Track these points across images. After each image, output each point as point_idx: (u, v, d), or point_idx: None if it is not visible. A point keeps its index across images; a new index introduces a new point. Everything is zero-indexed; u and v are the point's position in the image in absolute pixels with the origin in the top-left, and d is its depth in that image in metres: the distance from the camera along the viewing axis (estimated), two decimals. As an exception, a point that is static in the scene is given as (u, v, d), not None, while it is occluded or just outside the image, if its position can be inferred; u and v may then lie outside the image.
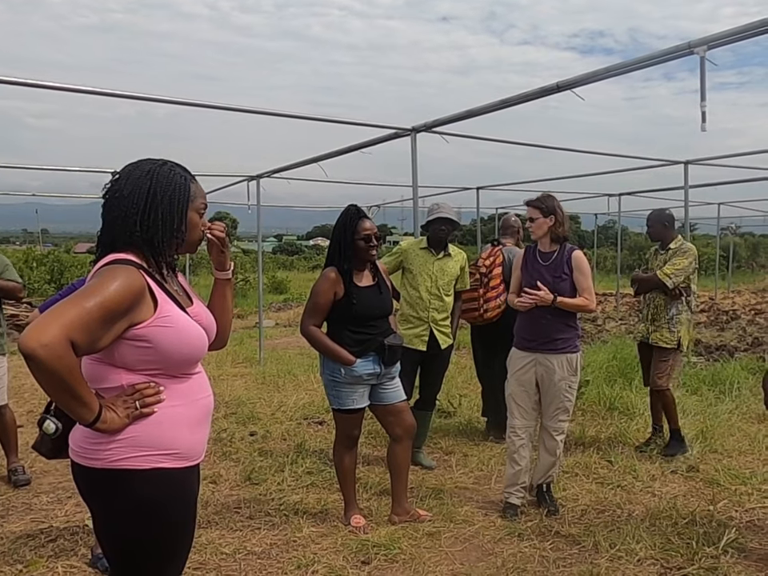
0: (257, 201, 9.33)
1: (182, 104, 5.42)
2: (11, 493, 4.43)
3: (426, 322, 4.64)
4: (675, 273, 4.92)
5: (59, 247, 33.23)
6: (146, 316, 1.81)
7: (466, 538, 3.72)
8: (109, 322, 1.74)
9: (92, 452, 1.84)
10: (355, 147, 6.56)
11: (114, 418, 1.80)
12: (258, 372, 8.37)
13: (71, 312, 1.67)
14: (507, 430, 4.11)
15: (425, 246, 4.73)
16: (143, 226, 1.86)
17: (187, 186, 1.95)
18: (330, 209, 15.22)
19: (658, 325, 5.07)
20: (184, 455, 1.90)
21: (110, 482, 1.83)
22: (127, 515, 1.84)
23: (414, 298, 4.65)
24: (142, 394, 1.83)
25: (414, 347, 4.60)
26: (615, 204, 15.00)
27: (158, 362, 1.85)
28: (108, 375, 1.86)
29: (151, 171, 1.90)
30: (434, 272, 4.66)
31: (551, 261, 3.97)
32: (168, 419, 1.87)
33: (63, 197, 12.81)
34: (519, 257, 4.20)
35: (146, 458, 1.83)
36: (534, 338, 3.94)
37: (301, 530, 3.78)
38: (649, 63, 4.02)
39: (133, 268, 1.82)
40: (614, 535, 3.67)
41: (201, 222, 2.02)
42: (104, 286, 1.74)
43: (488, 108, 5.18)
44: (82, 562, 3.42)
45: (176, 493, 1.89)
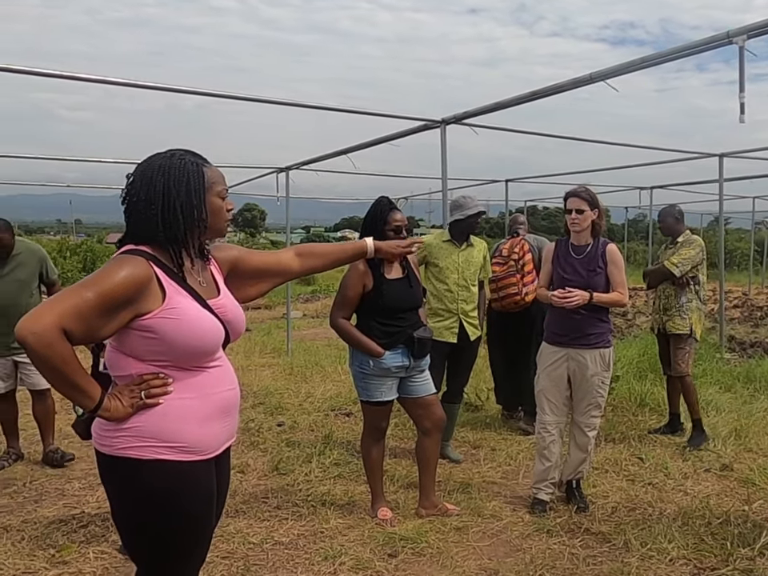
0: (286, 193, 9.35)
1: (211, 95, 5.44)
2: (44, 478, 4.50)
3: (455, 314, 4.61)
4: (682, 262, 5.11)
5: (92, 237, 33.72)
6: (152, 307, 1.80)
7: (493, 533, 3.69)
8: (108, 312, 1.74)
9: (103, 438, 1.86)
10: (385, 139, 6.53)
11: (117, 406, 1.81)
12: (285, 363, 8.40)
13: (67, 301, 1.70)
14: (537, 426, 4.06)
15: (448, 239, 4.70)
16: (165, 224, 1.84)
17: (201, 172, 1.91)
18: (358, 201, 15.21)
19: (670, 314, 5.23)
20: (191, 449, 1.87)
21: (118, 468, 1.85)
22: (134, 503, 1.86)
23: (441, 291, 4.62)
24: (149, 384, 1.83)
25: (445, 339, 4.57)
26: (647, 197, 14.78)
27: (166, 354, 1.84)
28: (121, 363, 1.88)
29: (163, 167, 1.87)
30: (459, 263, 4.63)
31: (585, 254, 3.91)
32: (175, 411, 1.85)
33: (96, 188, 12.96)
34: (549, 250, 4.13)
35: (148, 449, 1.83)
36: (566, 333, 3.88)
37: (328, 522, 3.78)
38: (686, 53, 3.93)
39: (141, 258, 1.81)
40: (645, 534, 3.61)
41: (224, 204, 1.99)
42: (105, 276, 1.75)
43: (519, 99, 5.11)
44: (113, 548, 3.46)
45: (182, 485, 1.87)
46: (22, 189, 15.15)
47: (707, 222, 24.01)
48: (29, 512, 3.96)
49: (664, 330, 5.29)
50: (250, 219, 58.70)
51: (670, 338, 5.26)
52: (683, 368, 5.17)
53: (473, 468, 4.70)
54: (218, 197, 1.96)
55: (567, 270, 3.91)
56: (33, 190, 20.51)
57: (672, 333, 5.21)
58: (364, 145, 7.11)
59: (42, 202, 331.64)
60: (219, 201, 1.97)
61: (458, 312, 4.61)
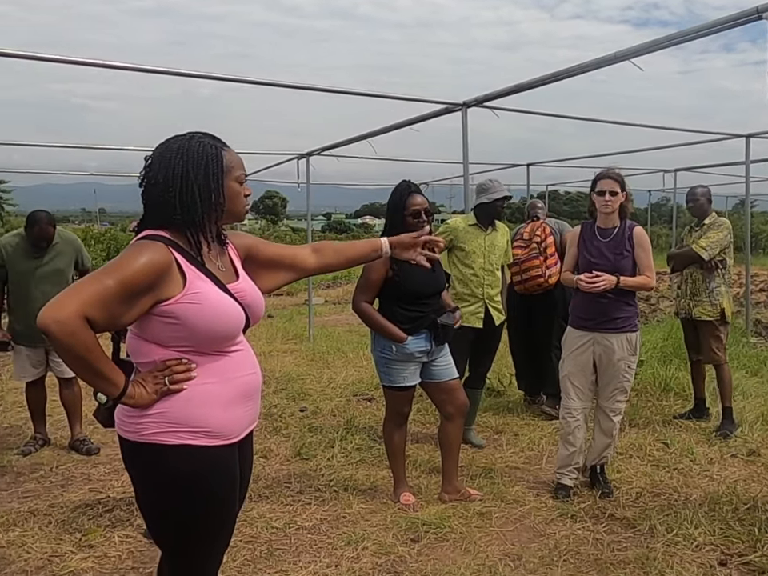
0: (306, 179, 9.33)
1: (231, 80, 5.41)
2: (71, 463, 4.56)
3: (481, 298, 4.57)
4: (710, 245, 4.98)
5: (116, 226, 34.00)
6: (173, 292, 1.80)
7: (517, 519, 3.67)
8: (130, 298, 1.73)
9: (127, 424, 1.86)
10: (405, 123, 6.48)
11: (142, 393, 1.81)
12: (307, 348, 8.42)
13: (89, 288, 1.69)
14: (562, 411, 4.01)
15: (473, 223, 4.65)
16: (183, 207, 1.83)
17: (219, 155, 1.89)
18: (380, 186, 15.15)
19: (699, 299, 5.11)
20: (215, 433, 1.88)
21: (143, 454, 1.85)
22: (158, 488, 1.87)
23: (467, 276, 4.57)
24: (172, 370, 1.83)
25: (471, 325, 4.54)
26: (670, 180, 14.58)
27: (188, 339, 1.83)
28: (143, 350, 1.87)
29: (181, 149, 1.85)
30: (485, 247, 4.59)
31: (611, 237, 3.85)
32: (198, 396, 1.85)
33: (119, 176, 13.04)
34: (575, 233, 4.07)
35: (173, 434, 1.83)
36: (593, 317, 3.83)
37: (350, 507, 3.79)
38: (714, 30, 3.83)
39: (161, 244, 1.80)
40: (670, 519, 3.57)
41: (242, 189, 1.96)
42: (125, 263, 1.74)
43: (541, 81, 5.04)
44: (138, 532, 3.49)
45: (207, 470, 1.88)
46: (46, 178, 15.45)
47: (732, 205, 23.66)
48: (55, 496, 4.01)
49: (691, 316, 5.19)
50: (270, 206, 58.82)
51: (698, 324, 5.15)
52: (720, 356, 5.06)
53: (495, 453, 4.68)
54: (236, 181, 1.94)
55: (593, 254, 3.85)
56: (57, 179, 20.90)
57: (702, 319, 5.10)
58: (385, 129, 7.07)
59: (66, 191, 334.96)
60: (237, 186, 1.94)
61: (484, 297, 4.57)
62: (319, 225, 54.51)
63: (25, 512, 3.76)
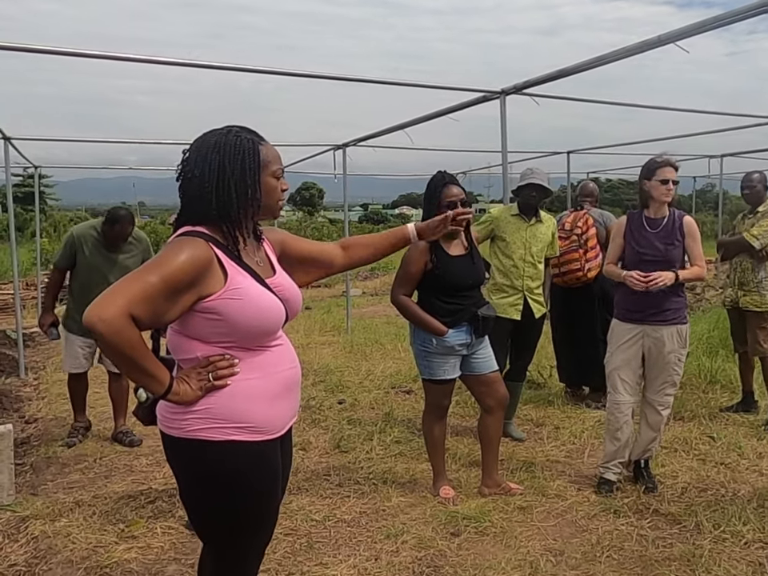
0: (343, 170, 9.32)
1: (269, 72, 5.40)
2: (114, 455, 4.63)
3: (520, 290, 4.50)
4: (763, 234, 4.82)
5: (155, 219, 34.51)
6: (215, 288, 1.79)
7: (558, 513, 3.62)
8: (173, 295, 1.73)
9: (171, 420, 1.87)
10: (442, 112, 6.40)
11: (186, 390, 1.81)
12: (345, 340, 8.43)
13: (133, 286, 1.69)
14: (610, 406, 3.90)
15: (516, 213, 4.57)
16: (219, 202, 1.83)
17: (256, 150, 1.87)
18: (416, 176, 15.06)
19: (747, 289, 4.98)
20: (260, 428, 1.88)
21: (187, 450, 1.86)
22: (203, 483, 1.87)
23: (507, 267, 4.50)
24: (216, 366, 1.83)
25: (509, 316, 4.48)
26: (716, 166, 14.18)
27: (231, 335, 1.83)
28: (185, 347, 1.87)
29: (218, 144, 1.85)
30: (527, 239, 4.51)
31: (661, 227, 3.75)
32: (242, 392, 1.85)
33: (158, 170, 13.19)
34: (620, 223, 3.95)
35: (219, 430, 1.83)
36: (642, 309, 3.73)
37: (390, 500, 3.77)
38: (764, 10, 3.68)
39: (201, 240, 1.80)
40: (717, 515, 3.49)
41: (279, 184, 1.95)
42: (168, 260, 1.74)
43: (583, 66, 4.91)
44: (180, 524, 3.53)
45: (251, 465, 1.88)
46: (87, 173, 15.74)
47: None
48: (99, 487, 4.08)
49: (738, 306, 5.06)
50: (308, 198, 59.06)
51: (746, 314, 5.03)
52: (765, 348, 4.95)
53: (536, 447, 4.62)
54: (273, 176, 1.92)
55: (642, 244, 3.74)
56: (98, 173, 21.30)
57: (749, 310, 4.97)
58: (421, 119, 6.99)
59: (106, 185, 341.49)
60: (274, 181, 1.93)
61: (523, 289, 4.50)
62: (356, 215, 54.55)
63: (70, 503, 3.83)
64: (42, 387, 6.42)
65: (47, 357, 7.70)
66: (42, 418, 5.45)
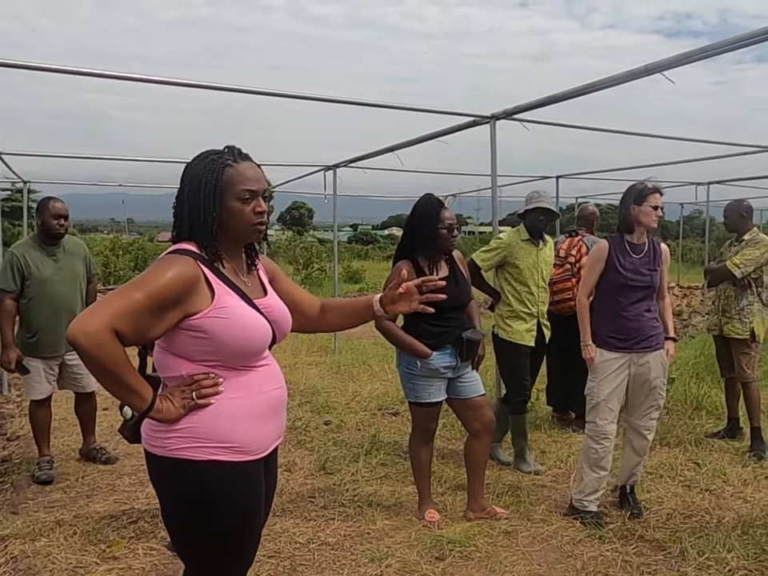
0: (333, 191, 9.35)
1: (261, 93, 5.43)
2: (96, 474, 4.57)
3: (536, 316, 4.52)
4: (744, 263, 4.88)
5: (143, 236, 34.46)
6: (201, 306, 1.80)
7: (543, 538, 3.60)
8: (159, 312, 1.74)
9: (154, 439, 1.86)
10: (433, 135, 6.44)
11: (169, 407, 1.81)
12: (332, 361, 8.41)
13: (118, 302, 1.70)
14: (595, 435, 3.80)
15: (527, 238, 4.55)
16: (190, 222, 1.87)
17: (217, 171, 1.85)
18: (406, 198, 15.12)
19: (729, 316, 5.02)
20: (243, 449, 1.87)
21: (170, 469, 1.85)
22: (185, 503, 1.86)
23: (523, 294, 4.48)
24: (200, 384, 1.82)
25: (525, 343, 4.49)
26: (703, 193, 14.34)
27: (216, 353, 1.83)
28: (171, 364, 1.87)
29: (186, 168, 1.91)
30: (538, 263, 4.51)
31: (644, 253, 3.78)
32: (226, 411, 1.85)
33: (147, 187, 13.19)
34: (601, 249, 3.83)
35: (201, 449, 1.82)
36: (629, 338, 3.73)
37: (375, 523, 3.75)
38: (750, 42, 3.71)
39: (189, 258, 1.81)
40: (702, 542, 3.48)
41: (251, 206, 1.88)
42: (154, 276, 1.75)
43: (571, 93, 4.96)
44: (162, 545, 3.49)
45: (234, 485, 1.87)
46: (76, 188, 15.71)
47: (767, 219, 23.26)
48: (81, 507, 4.03)
49: (722, 333, 5.10)
50: (297, 217, 59.14)
51: (729, 341, 5.06)
52: (748, 374, 4.96)
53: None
54: (237, 199, 1.86)
55: (629, 269, 3.74)
56: (86, 189, 21.21)
57: (731, 337, 5.02)
58: (412, 142, 7.03)
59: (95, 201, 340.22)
60: (237, 203, 1.87)
61: (538, 315, 4.52)
62: (345, 236, 54.64)
63: (51, 522, 3.78)
64: (25, 404, 6.33)
65: (20, 378, 7.62)
66: (24, 435, 5.38)
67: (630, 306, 3.74)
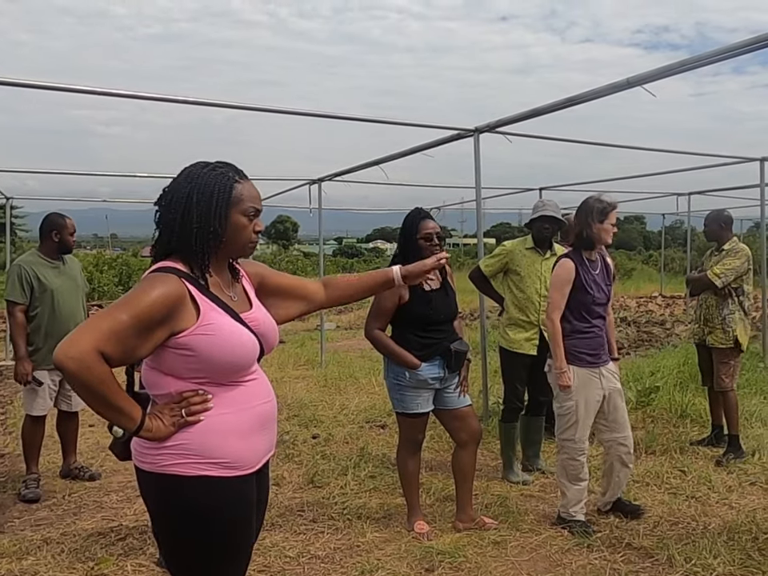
0: (318, 204, 9.38)
1: (243, 108, 5.46)
2: (83, 491, 4.54)
3: (536, 325, 4.53)
4: (725, 273, 4.93)
5: (127, 251, 34.28)
6: (187, 324, 1.80)
7: (532, 548, 3.62)
8: (145, 332, 1.74)
9: (144, 456, 1.86)
10: (417, 149, 6.50)
11: (159, 426, 1.81)
12: (319, 374, 8.40)
13: (103, 324, 1.69)
14: (573, 452, 3.81)
15: (531, 246, 4.60)
16: (182, 231, 1.84)
17: (229, 185, 1.88)
18: (391, 211, 15.19)
19: (711, 326, 5.07)
20: (233, 464, 1.87)
21: (161, 485, 1.85)
22: (176, 518, 1.86)
23: (522, 301, 4.52)
24: (189, 402, 1.82)
25: (526, 352, 4.51)
26: (684, 203, 14.53)
27: (203, 370, 1.83)
28: (159, 382, 1.87)
29: (192, 175, 1.88)
30: (542, 273, 4.54)
31: (600, 269, 3.86)
32: (215, 427, 1.85)
33: (131, 202, 13.15)
34: (568, 270, 3.76)
35: (192, 466, 1.82)
36: (599, 352, 3.82)
37: (364, 535, 3.75)
38: (728, 55, 3.81)
39: (173, 276, 1.81)
40: (689, 549, 3.51)
41: (252, 224, 1.93)
42: (139, 297, 1.75)
43: (554, 107, 5.04)
44: (150, 561, 3.47)
45: (225, 501, 1.87)
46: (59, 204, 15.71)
47: (746, 228, 23.57)
48: (68, 524, 3.99)
49: (705, 342, 5.15)
50: (282, 231, 59.08)
51: (712, 350, 5.12)
52: (726, 383, 5.01)
53: (510, 481, 4.62)
54: (243, 214, 1.90)
55: (593, 287, 3.79)
56: (70, 204, 21.18)
57: (713, 346, 5.07)
58: (397, 155, 7.09)
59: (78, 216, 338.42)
60: (244, 219, 1.90)
61: (539, 323, 4.53)
62: (330, 249, 54.63)
63: (38, 540, 3.74)
64: (10, 422, 6.29)
65: (15, 391, 7.56)
66: (10, 453, 5.34)
67: (595, 321, 3.82)
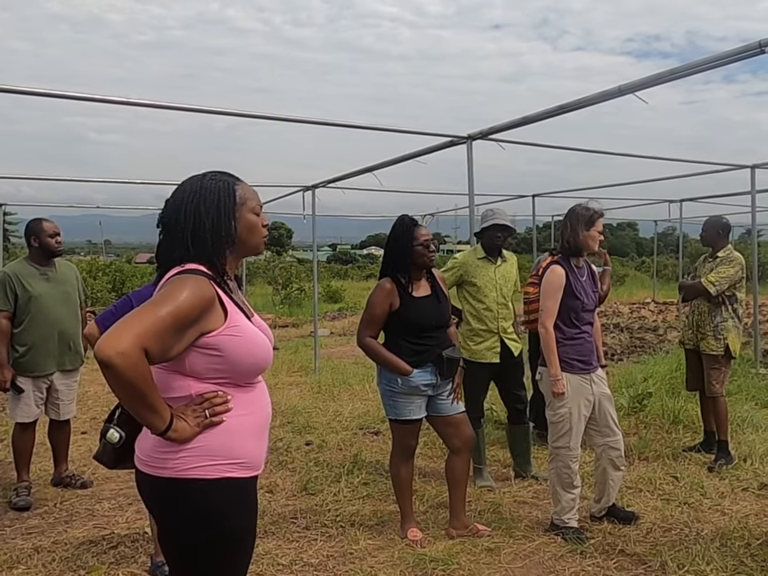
0: (312, 211, 9.39)
1: (240, 115, 5.48)
2: (75, 499, 4.51)
3: (496, 333, 4.54)
4: (719, 281, 4.95)
5: (121, 258, 34.22)
6: (216, 325, 1.82)
7: (526, 555, 3.62)
8: (180, 331, 1.75)
9: (161, 461, 1.84)
10: (411, 156, 6.51)
11: (184, 427, 1.80)
12: (313, 381, 8.39)
13: (145, 320, 1.69)
14: (566, 459, 3.82)
15: (483, 256, 4.62)
16: (195, 243, 1.87)
17: (231, 190, 1.93)
18: (384, 218, 15.20)
19: (703, 332, 5.09)
20: (249, 464, 1.90)
21: (177, 490, 1.83)
22: (190, 523, 1.85)
23: (481, 311, 4.53)
24: (211, 402, 1.83)
25: (488, 360, 4.52)
26: (676, 210, 14.60)
27: (227, 371, 1.85)
28: (177, 384, 1.87)
29: (193, 188, 1.92)
30: (497, 280, 4.56)
31: (586, 275, 3.89)
32: (236, 428, 1.87)
33: (126, 209, 13.13)
34: (559, 277, 3.79)
35: (215, 467, 1.83)
36: (590, 358, 3.85)
37: (357, 543, 3.74)
38: (718, 64, 3.85)
39: (203, 278, 1.83)
40: (681, 555, 3.52)
41: (259, 220, 1.99)
42: (175, 295, 1.75)
43: (546, 114, 5.07)
44: (143, 570, 3.45)
45: (240, 502, 1.89)
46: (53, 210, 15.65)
47: (738, 235, 23.70)
48: (59, 533, 3.97)
49: (697, 348, 5.17)
50: (276, 237, 59.04)
51: (702, 356, 5.13)
52: (717, 389, 5.03)
53: (503, 487, 4.62)
54: (252, 212, 1.97)
55: (582, 293, 3.82)
56: (64, 211, 21.10)
57: (705, 353, 5.08)
58: (390, 162, 7.11)
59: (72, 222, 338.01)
60: (254, 216, 1.97)
61: (498, 331, 4.54)
62: (324, 256, 54.65)
63: (29, 549, 3.72)
64: (1, 430, 6.25)
65: (5, 398, 7.51)
66: (1, 461, 5.31)
67: (584, 327, 3.85)
